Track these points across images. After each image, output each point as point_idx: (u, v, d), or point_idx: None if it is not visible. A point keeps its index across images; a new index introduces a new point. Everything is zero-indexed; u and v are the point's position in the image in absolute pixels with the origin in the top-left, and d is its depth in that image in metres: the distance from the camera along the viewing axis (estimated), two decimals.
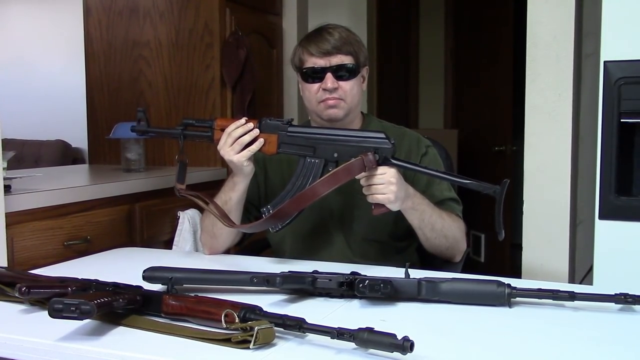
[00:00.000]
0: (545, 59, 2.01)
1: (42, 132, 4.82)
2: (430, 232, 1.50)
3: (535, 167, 2.05)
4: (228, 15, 2.67)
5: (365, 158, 1.35)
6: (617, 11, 1.63)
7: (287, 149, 1.46)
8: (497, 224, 1.34)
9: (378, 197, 1.38)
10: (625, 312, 1.09)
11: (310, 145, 1.44)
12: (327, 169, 1.42)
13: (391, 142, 1.39)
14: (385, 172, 1.37)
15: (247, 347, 0.90)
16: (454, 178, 1.47)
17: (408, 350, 0.83)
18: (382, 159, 1.38)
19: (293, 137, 1.45)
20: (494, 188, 1.34)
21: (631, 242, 1.64)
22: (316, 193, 1.36)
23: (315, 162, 1.44)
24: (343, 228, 1.60)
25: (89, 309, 0.94)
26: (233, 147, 1.44)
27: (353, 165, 1.36)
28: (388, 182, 1.37)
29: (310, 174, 1.43)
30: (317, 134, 1.45)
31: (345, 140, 1.42)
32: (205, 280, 1.21)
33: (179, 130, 1.51)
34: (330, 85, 1.54)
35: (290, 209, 1.39)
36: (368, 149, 1.38)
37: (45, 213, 1.80)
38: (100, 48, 2.86)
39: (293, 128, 1.46)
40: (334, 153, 1.43)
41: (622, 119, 1.63)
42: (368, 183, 1.39)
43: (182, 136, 1.51)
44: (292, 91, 3.09)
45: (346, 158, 1.40)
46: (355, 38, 1.61)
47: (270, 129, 1.45)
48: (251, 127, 1.44)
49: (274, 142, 1.45)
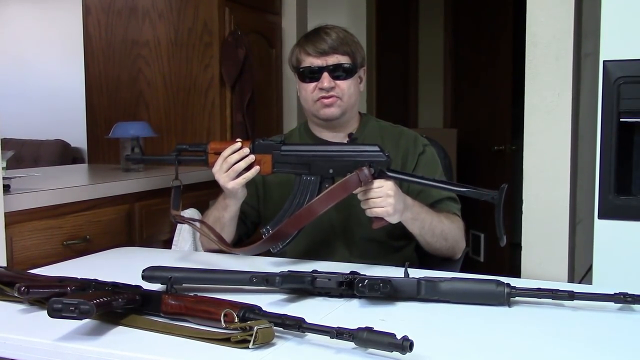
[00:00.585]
0: (545, 58, 2.01)
1: (42, 132, 4.82)
2: (430, 237, 1.50)
3: (535, 166, 2.05)
4: (227, 14, 2.67)
5: (360, 173, 1.35)
6: (617, 11, 1.63)
7: (282, 168, 1.46)
8: (498, 230, 1.32)
9: (377, 210, 1.37)
10: (624, 311, 1.09)
11: (304, 163, 1.44)
12: (324, 185, 1.42)
13: (385, 155, 1.39)
14: (382, 185, 1.36)
15: (247, 346, 0.90)
16: (451, 187, 1.46)
17: (407, 350, 0.83)
18: (378, 172, 1.37)
19: (287, 156, 1.45)
20: (492, 194, 1.32)
21: (630, 242, 1.64)
22: (314, 211, 1.36)
23: (311, 179, 1.44)
24: (344, 234, 1.59)
25: (88, 308, 0.94)
26: (228, 174, 1.45)
27: (349, 181, 1.35)
28: (386, 195, 1.36)
29: (307, 191, 1.43)
30: (310, 152, 1.45)
31: (339, 156, 1.42)
32: (205, 279, 1.21)
33: (173, 156, 1.51)
34: (326, 84, 1.54)
35: (289, 229, 1.38)
36: (363, 163, 1.37)
37: (44, 213, 1.80)
38: (99, 47, 2.86)
39: (287, 147, 1.46)
40: (329, 169, 1.43)
41: (621, 118, 1.63)
42: (365, 197, 1.37)
43: (176, 162, 1.51)
44: (291, 91, 3.09)
45: (342, 173, 1.39)
46: (352, 38, 1.61)
47: (264, 150, 1.46)
48: (247, 153, 1.44)
49: (269, 162, 1.46)
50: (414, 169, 1.62)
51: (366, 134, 1.65)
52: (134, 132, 2.45)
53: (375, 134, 1.66)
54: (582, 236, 2.12)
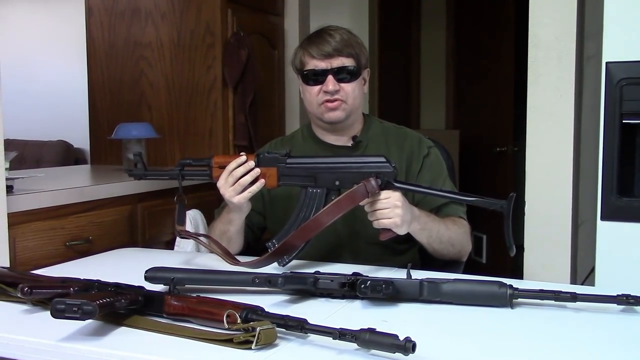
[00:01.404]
0: (547, 59, 2.01)
1: (44, 133, 4.83)
2: (438, 245, 1.50)
3: (537, 168, 2.05)
4: (229, 15, 2.68)
5: (367, 184, 1.33)
6: (619, 12, 1.63)
7: (287, 181, 1.44)
8: (507, 240, 1.31)
9: (384, 222, 1.36)
10: (627, 313, 1.08)
11: (310, 175, 1.43)
12: (330, 197, 1.40)
13: (392, 165, 1.38)
14: (389, 196, 1.35)
15: (249, 347, 0.90)
16: (459, 196, 1.45)
17: (410, 351, 0.83)
18: (385, 183, 1.36)
19: (292, 169, 1.43)
20: (500, 203, 1.31)
21: (633, 243, 1.64)
22: (321, 223, 1.34)
23: (317, 192, 1.42)
24: (349, 238, 1.58)
25: (91, 309, 0.94)
26: (234, 188, 1.42)
27: (356, 192, 1.33)
28: (393, 206, 1.35)
29: (314, 204, 1.42)
30: (316, 164, 1.43)
31: (345, 167, 1.41)
32: (207, 280, 1.21)
33: (177, 171, 1.48)
34: (331, 87, 1.53)
35: (295, 242, 1.35)
36: (369, 174, 1.36)
37: (47, 213, 1.80)
38: (102, 49, 2.86)
39: (292, 159, 1.44)
40: (335, 181, 1.41)
41: (623, 119, 1.63)
42: (372, 209, 1.36)
43: (180, 177, 1.48)
44: (293, 92, 3.09)
45: (348, 185, 1.38)
46: (356, 40, 1.60)
47: (269, 163, 1.44)
48: (252, 166, 1.42)
49: (274, 176, 1.44)
50: (419, 171, 1.61)
51: (370, 136, 1.65)
52: (137, 133, 2.46)
53: (379, 136, 1.65)
54: (585, 238, 2.12)
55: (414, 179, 1.59)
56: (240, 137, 2.69)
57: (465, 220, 1.59)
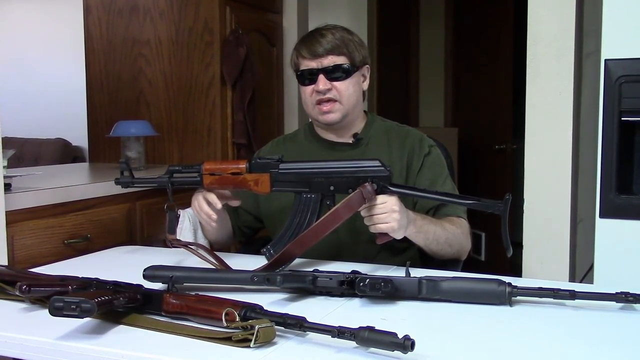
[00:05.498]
0: (546, 57, 2.01)
1: (42, 131, 4.82)
2: (435, 246, 1.50)
3: (536, 165, 2.05)
4: (228, 13, 2.67)
5: (363, 190, 1.32)
6: (618, 9, 1.63)
7: (280, 187, 1.42)
8: (504, 241, 1.31)
9: (381, 227, 1.35)
10: (626, 310, 1.09)
11: (304, 181, 1.41)
12: (325, 203, 1.39)
13: (387, 169, 1.37)
14: (385, 200, 1.34)
15: (248, 345, 0.90)
16: (454, 199, 1.44)
17: (409, 349, 0.83)
18: (381, 187, 1.35)
19: (286, 175, 1.41)
20: (496, 205, 1.31)
21: (632, 241, 1.64)
22: (319, 233, 1.32)
23: (311, 197, 1.41)
24: (350, 237, 1.58)
25: (89, 307, 0.94)
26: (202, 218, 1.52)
27: (353, 199, 1.32)
28: (391, 211, 1.33)
29: (308, 210, 1.40)
30: (310, 169, 1.41)
31: (339, 172, 1.39)
32: (206, 279, 1.21)
33: (166, 178, 1.47)
34: (322, 86, 1.53)
35: (294, 252, 1.33)
36: (364, 178, 1.35)
37: (45, 211, 1.80)
38: (100, 46, 2.86)
39: (285, 165, 1.42)
40: (330, 186, 1.40)
41: (622, 117, 1.63)
42: (369, 214, 1.35)
43: (169, 184, 1.46)
44: (292, 89, 3.09)
45: (342, 190, 1.37)
46: (350, 38, 1.59)
47: (261, 169, 1.42)
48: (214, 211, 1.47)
49: (267, 182, 1.42)
50: (420, 169, 1.61)
51: (372, 134, 1.64)
52: (135, 131, 2.45)
53: (380, 134, 1.65)
54: (583, 235, 2.12)
55: (414, 177, 1.59)
56: (238, 134, 2.69)
57: (465, 219, 1.59)
